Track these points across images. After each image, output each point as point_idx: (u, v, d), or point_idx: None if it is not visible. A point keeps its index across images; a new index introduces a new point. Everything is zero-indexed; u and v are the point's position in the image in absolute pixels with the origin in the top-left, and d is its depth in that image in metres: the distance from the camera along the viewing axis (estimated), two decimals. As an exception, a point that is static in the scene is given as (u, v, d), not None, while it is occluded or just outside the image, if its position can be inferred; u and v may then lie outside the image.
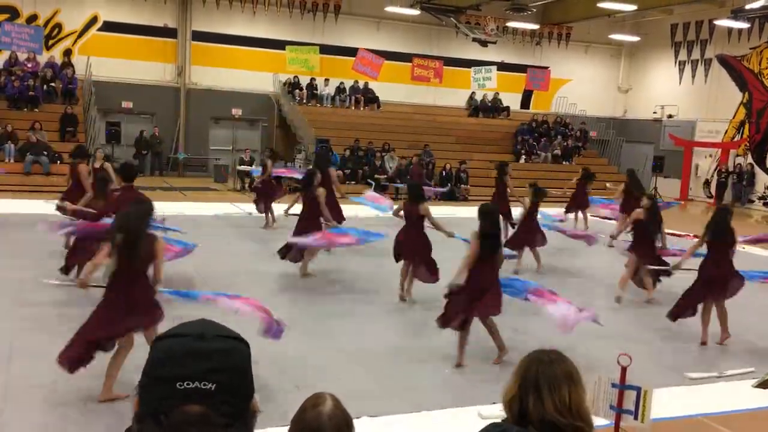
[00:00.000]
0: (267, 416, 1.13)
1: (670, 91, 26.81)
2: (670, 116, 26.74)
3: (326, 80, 23.91)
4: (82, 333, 5.18)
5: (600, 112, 28.02)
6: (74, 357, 5.07)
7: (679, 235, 13.15)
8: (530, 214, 10.86)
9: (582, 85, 27.71)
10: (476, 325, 7.90)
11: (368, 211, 12.61)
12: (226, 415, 1.19)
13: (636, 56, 28.64)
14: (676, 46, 26.82)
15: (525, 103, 26.70)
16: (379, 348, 6.92)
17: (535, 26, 25.60)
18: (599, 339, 7.13)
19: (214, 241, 11.23)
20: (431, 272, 8.39)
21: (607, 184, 19.76)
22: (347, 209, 12.14)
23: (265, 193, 13.63)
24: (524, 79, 25.32)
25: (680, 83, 26.67)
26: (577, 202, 15.22)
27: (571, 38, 26.78)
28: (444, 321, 6.51)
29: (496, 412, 4.62)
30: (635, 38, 27.09)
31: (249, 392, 1.27)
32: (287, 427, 2.53)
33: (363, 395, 5.43)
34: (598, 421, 2.80)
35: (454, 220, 14.53)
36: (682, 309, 7.50)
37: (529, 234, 10.75)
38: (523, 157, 24.45)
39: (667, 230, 9.48)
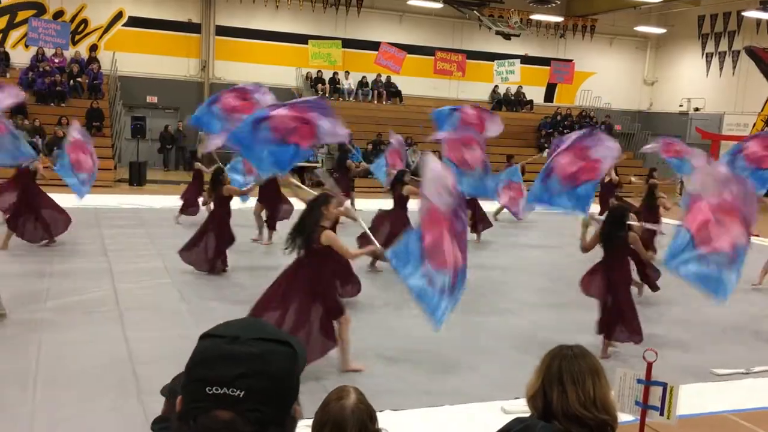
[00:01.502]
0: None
1: (696, 83, 26.43)
2: (696, 109, 26.37)
3: (347, 74, 23.91)
4: None
5: (625, 105, 27.73)
6: None
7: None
8: None
9: (607, 78, 27.42)
10: (493, 321, 7.88)
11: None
12: (255, 422, 1.15)
13: (662, 48, 28.26)
14: (703, 38, 26.41)
15: (549, 96, 26.50)
16: (401, 341, 6.92)
17: (559, 19, 25.37)
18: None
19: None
20: None
21: (632, 178, 19.55)
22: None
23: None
24: (548, 72, 25.12)
25: (707, 75, 26.28)
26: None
27: (595, 30, 26.50)
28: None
29: (520, 407, 4.61)
30: (661, 30, 26.73)
31: (288, 398, 1.21)
32: (309, 420, 2.55)
33: (385, 389, 5.43)
34: (623, 417, 2.78)
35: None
36: None
37: None
38: (547, 151, 24.24)
39: None
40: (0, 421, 4.81)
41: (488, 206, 13.83)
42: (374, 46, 23.00)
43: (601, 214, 13.15)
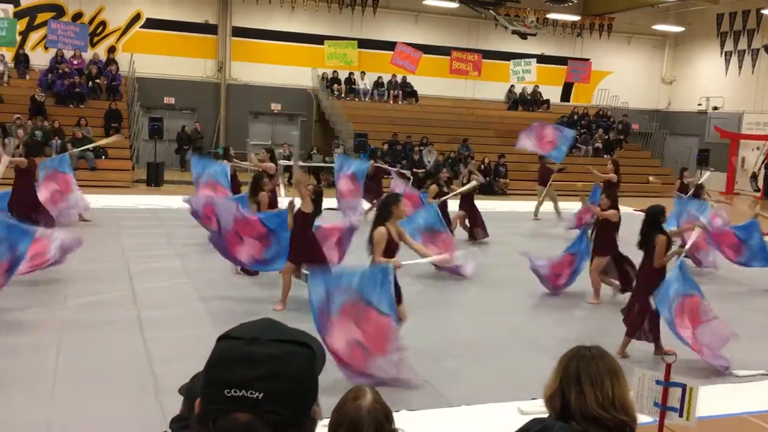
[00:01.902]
0: None
1: (715, 82, 26.17)
2: (715, 108, 26.11)
3: (362, 74, 23.95)
4: None
5: (643, 105, 27.52)
6: None
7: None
8: None
9: (624, 77, 27.22)
10: (510, 322, 7.85)
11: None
12: (273, 424, 1.14)
13: (680, 47, 28.01)
14: (721, 36, 26.14)
15: (565, 95, 26.33)
16: (418, 341, 6.91)
17: (576, 17, 25.22)
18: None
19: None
20: None
21: (650, 178, 19.36)
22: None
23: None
24: (565, 71, 24.98)
25: (726, 74, 26.00)
26: None
27: (613, 29, 26.29)
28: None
29: (537, 408, 4.59)
30: (680, 29, 26.49)
31: (307, 399, 1.20)
32: (326, 420, 2.55)
33: (402, 388, 5.43)
34: (641, 418, 2.76)
35: (494, 214, 14.50)
36: None
37: None
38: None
39: None
40: (20, 418, 4.86)
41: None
42: (390, 46, 23.00)
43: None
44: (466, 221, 12.46)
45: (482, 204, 13.27)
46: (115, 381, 5.47)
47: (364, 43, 23.18)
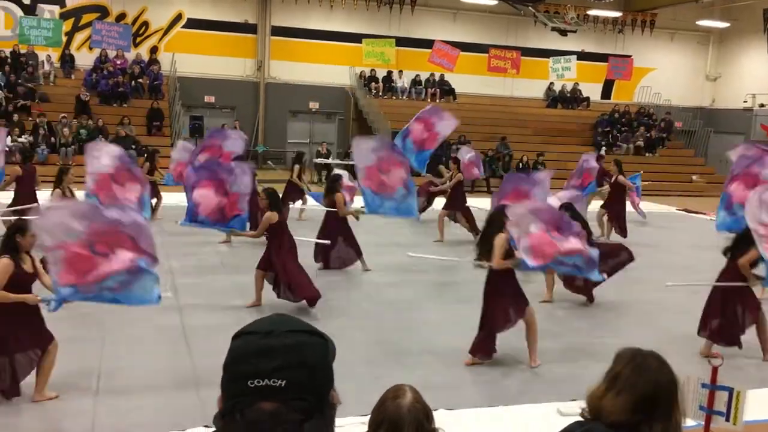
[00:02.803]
0: (346, 405, 1.15)
1: (762, 79, 25.47)
2: (761, 105, 25.44)
3: (400, 72, 23.93)
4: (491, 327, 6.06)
5: (686, 102, 26.95)
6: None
7: None
8: None
9: (667, 74, 26.71)
10: (548, 323, 7.76)
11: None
12: (299, 410, 1.19)
13: (725, 43, 27.36)
14: (769, 32, 25.45)
15: (606, 93, 25.95)
16: (457, 341, 6.88)
17: (618, 14, 24.82)
18: (686, 338, 6.87)
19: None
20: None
21: (694, 177, 18.97)
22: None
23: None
24: (605, 68, 24.62)
25: (773, 70, 25.32)
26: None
27: (655, 25, 25.79)
28: None
29: (576, 409, 4.52)
30: (725, 24, 25.88)
31: (325, 386, 1.25)
32: (364, 417, 2.55)
33: (440, 387, 5.41)
34: (686, 422, 2.69)
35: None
36: None
37: None
38: (604, 148, 23.78)
39: None
40: (66, 410, 4.98)
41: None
42: (428, 44, 22.94)
43: (609, 217, 12.47)
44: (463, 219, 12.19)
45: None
46: (156, 375, 5.56)
47: (401, 42, 23.16)
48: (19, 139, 17.68)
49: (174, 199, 13.24)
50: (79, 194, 8.97)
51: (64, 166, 10.60)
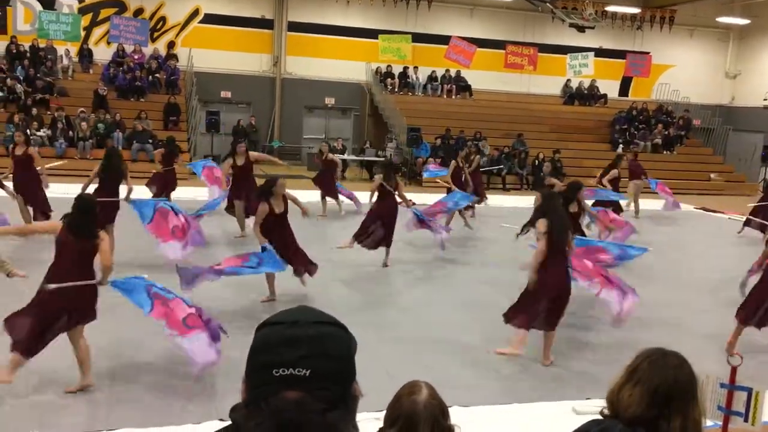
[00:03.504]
0: (359, 401, 1.15)
1: (783, 76, 25.18)
2: (782, 103, 25.15)
3: (415, 68, 23.89)
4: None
5: (705, 100, 26.67)
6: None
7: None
8: None
9: (686, 71, 26.44)
10: (564, 321, 7.71)
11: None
12: (323, 399, 1.20)
13: (745, 40, 27.04)
14: (790, 29, 25.13)
15: (624, 90, 25.75)
16: (471, 337, 6.87)
17: (636, 10, 24.58)
18: (705, 337, 6.81)
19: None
20: None
21: (712, 175, 18.78)
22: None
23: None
24: (623, 65, 24.40)
25: (795, 68, 25.01)
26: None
27: (674, 22, 25.52)
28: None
29: (592, 408, 4.50)
30: (745, 21, 25.56)
31: (348, 377, 1.26)
32: (379, 413, 2.54)
33: (454, 384, 5.39)
34: (705, 422, 2.66)
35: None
36: None
37: None
38: (621, 146, 23.61)
39: None
40: (80, 400, 5.01)
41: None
42: (444, 40, 22.86)
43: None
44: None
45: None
46: (183, 366, 5.58)
47: (418, 37, 23.10)
48: (38, 133, 17.85)
49: (192, 193, 13.32)
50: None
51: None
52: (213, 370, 5.50)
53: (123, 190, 9.21)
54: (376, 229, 9.42)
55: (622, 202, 13.21)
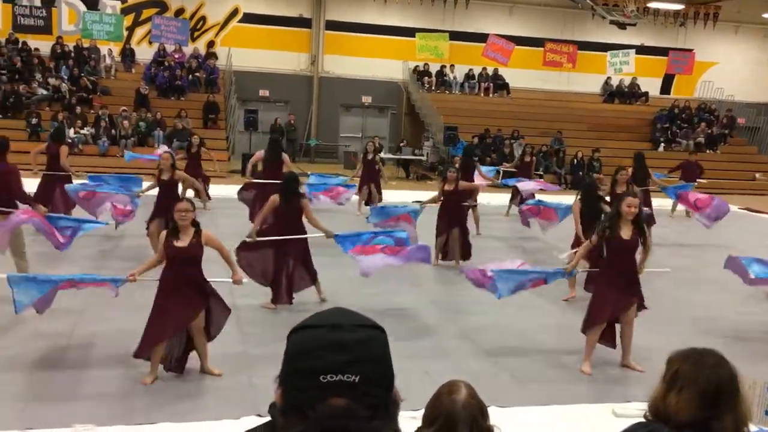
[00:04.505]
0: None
1: (832, 73, 24.44)
2: (831, 101, 24.40)
3: (452, 66, 23.78)
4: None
5: (750, 98, 26.00)
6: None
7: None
8: None
9: (730, 69, 25.83)
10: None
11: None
12: (369, 406, 1.16)
13: (793, 36, 26.32)
14: (841, 24, 24.37)
15: (665, 88, 25.27)
16: (510, 338, 6.81)
17: (679, 6, 24.08)
18: (746, 341, 6.65)
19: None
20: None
21: (757, 175, 18.31)
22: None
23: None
24: (665, 62, 23.95)
25: None
26: None
27: (719, 18, 24.97)
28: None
29: (632, 411, 4.42)
30: (793, 16, 24.88)
31: (390, 382, 1.23)
32: (416, 412, 2.52)
33: (492, 385, 5.35)
34: (751, 426, 2.59)
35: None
36: None
37: None
38: (662, 145, 23.18)
39: None
40: (124, 390, 5.09)
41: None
42: (481, 38, 22.71)
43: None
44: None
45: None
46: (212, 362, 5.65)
47: (455, 35, 22.99)
48: (82, 131, 18.24)
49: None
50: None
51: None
52: (247, 367, 5.54)
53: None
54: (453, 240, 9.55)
55: (668, 205, 13.12)
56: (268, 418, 1.26)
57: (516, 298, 8.17)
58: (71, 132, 17.65)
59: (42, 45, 20.58)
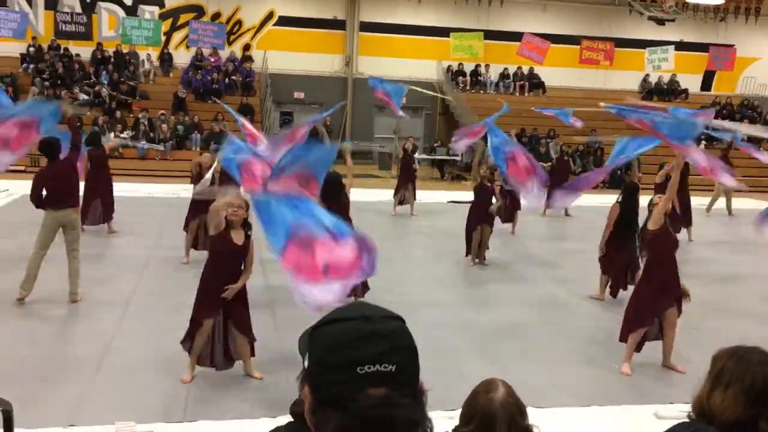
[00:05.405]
0: (432, 401, 1.12)
1: None
2: None
3: (486, 66, 23.63)
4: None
5: (794, 93, 25.38)
6: None
7: None
8: None
9: (774, 64, 25.22)
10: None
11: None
12: (407, 395, 1.17)
13: (840, 29, 25.56)
14: None
15: (706, 84, 24.77)
16: (548, 340, 6.74)
17: (720, 1, 23.59)
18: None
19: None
20: None
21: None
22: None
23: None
24: (706, 58, 23.48)
25: None
26: None
27: (761, 12, 24.39)
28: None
29: (674, 413, 4.33)
30: (839, 9, 24.18)
31: (419, 371, 1.24)
32: (452, 412, 2.51)
33: (531, 385, 5.29)
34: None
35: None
36: None
37: None
38: (703, 142, 22.69)
39: None
40: (158, 387, 5.15)
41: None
42: (516, 36, 22.54)
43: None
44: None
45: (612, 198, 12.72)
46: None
47: (489, 35, 22.86)
48: (122, 135, 18.57)
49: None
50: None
51: None
52: (285, 366, 5.58)
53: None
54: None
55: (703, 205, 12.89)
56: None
57: (553, 298, 8.10)
58: (111, 135, 17.98)
59: (83, 51, 21.03)
